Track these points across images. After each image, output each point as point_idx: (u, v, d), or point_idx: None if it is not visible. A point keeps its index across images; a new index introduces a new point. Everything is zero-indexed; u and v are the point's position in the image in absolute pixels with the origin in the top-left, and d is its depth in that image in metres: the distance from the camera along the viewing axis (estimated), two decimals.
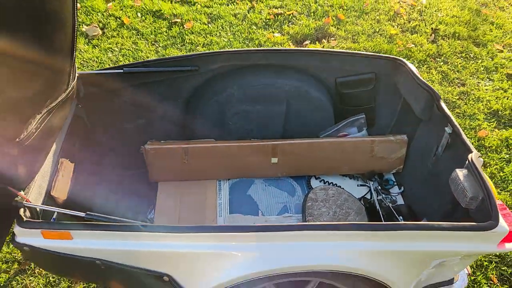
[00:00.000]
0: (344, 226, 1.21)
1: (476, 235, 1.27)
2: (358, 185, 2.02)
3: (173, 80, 1.88)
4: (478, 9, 3.92)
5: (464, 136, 1.54)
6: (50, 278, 1.85)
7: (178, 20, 3.56)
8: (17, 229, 1.23)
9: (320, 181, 2.02)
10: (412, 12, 3.84)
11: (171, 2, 3.79)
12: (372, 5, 3.88)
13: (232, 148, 1.87)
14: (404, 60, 1.87)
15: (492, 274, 1.96)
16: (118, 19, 3.54)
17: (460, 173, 1.46)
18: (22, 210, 1.23)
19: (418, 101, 1.79)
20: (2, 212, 1.24)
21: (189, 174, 1.92)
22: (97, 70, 1.79)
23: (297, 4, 3.86)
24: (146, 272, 1.28)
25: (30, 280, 1.84)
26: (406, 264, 1.31)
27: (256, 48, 1.96)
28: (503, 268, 1.99)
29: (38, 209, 1.30)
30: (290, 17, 3.68)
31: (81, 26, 3.43)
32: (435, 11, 3.87)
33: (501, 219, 1.27)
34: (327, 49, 1.95)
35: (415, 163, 1.91)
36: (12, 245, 1.73)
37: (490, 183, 1.34)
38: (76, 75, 1.56)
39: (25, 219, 1.22)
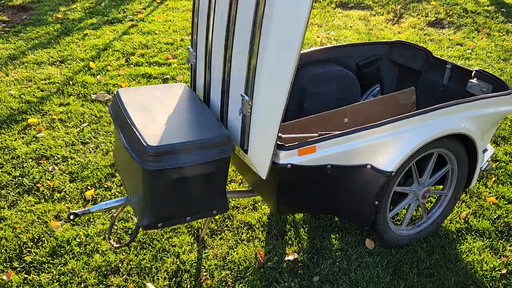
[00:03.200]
0: (456, 102, 2.10)
1: (503, 99, 2.28)
2: None
3: None
4: (369, 32, 5.43)
5: (462, 67, 2.62)
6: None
7: (168, 76, 4.21)
8: (281, 153, 1.83)
9: None
10: (331, 41, 5.15)
11: (150, 66, 4.42)
12: None
13: (319, 117, 2.65)
14: (403, 40, 2.95)
15: None
16: (116, 85, 4.03)
17: (473, 80, 2.52)
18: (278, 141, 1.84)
19: (418, 59, 2.84)
20: None
21: None
22: None
23: None
24: (355, 168, 1.97)
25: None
26: (477, 124, 2.24)
27: (312, 49, 2.81)
28: None
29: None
30: None
31: (88, 96, 3.83)
32: (344, 38, 5.24)
33: None
34: (350, 43, 2.92)
35: (425, 102, 2.93)
36: None
37: None
38: None
39: (287, 144, 1.84)
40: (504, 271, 2.20)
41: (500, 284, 2.13)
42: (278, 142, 1.86)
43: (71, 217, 1.93)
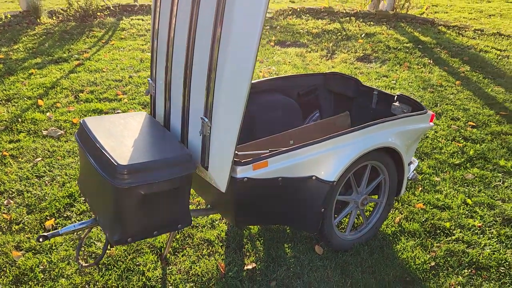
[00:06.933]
0: (381, 121, 2.46)
1: (420, 117, 2.70)
2: None
3: None
4: (305, 66, 5.92)
5: (386, 92, 3.04)
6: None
7: (119, 111, 4.35)
8: (238, 168, 2.07)
9: None
10: (272, 75, 5.56)
11: (100, 102, 4.54)
12: None
13: (268, 140, 2.93)
14: (337, 71, 3.35)
15: None
16: (67, 121, 4.11)
17: (395, 103, 2.94)
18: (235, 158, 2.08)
19: (350, 87, 3.25)
20: None
21: None
22: None
23: None
24: (303, 179, 2.25)
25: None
26: (401, 139, 2.62)
27: (257, 80, 3.13)
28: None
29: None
30: None
31: (39, 132, 3.87)
32: (284, 72, 5.67)
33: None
34: (291, 75, 3.28)
35: (359, 124, 3.31)
36: None
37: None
38: None
39: (242, 160, 2.08)
40: (433, 263, 2.53)
41: (430, 275, 2.46)
42: (235, 159, 2.10)
43: (41, 239, 2.03)
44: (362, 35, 7.06)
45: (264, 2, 1.74)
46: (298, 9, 8.45)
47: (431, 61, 6.03)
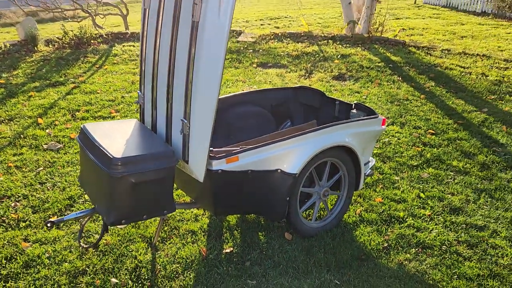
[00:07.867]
0: (337, 123, 2.91)
1: (373, 121, 3.15)
2: None
3: None
4: (285, 85, 6.41)
5: (346, 102, 3.51)
6: None
7: None
8: (214, 162, 2.49)
9: None
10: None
11: (95, 119, 4.97)
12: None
13: (244, 144, 3.36)
14: (305, 85, 3.83)
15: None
16: (65, 136, 4.52)
17: (353, 110, 3.40)
18: (210, 154, 2.51)
19: (315, 99, 3.72)
20: None
21: None
22: None
23: None
24: (269, 172, 2.67)
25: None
26: (358, 140, 3.07)
27: (234, 93, 3.58)
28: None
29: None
30: None
31: (40, 146, 4.28)
32: None
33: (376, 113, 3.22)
34: (264, 88, 3.74)
35: None
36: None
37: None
38: None
39: (217, 155, 2.50)
40: (385, 244, 2.94)
41: (382, 253, 2.87)
42: (211, 154, 2.53)
43: (48, 225, 2.42)
44: (338, 56, 7.61)
45: (226, 29, 2.20)
46: (280, 34, 9.03)
47: (400, 78, 6.56)
